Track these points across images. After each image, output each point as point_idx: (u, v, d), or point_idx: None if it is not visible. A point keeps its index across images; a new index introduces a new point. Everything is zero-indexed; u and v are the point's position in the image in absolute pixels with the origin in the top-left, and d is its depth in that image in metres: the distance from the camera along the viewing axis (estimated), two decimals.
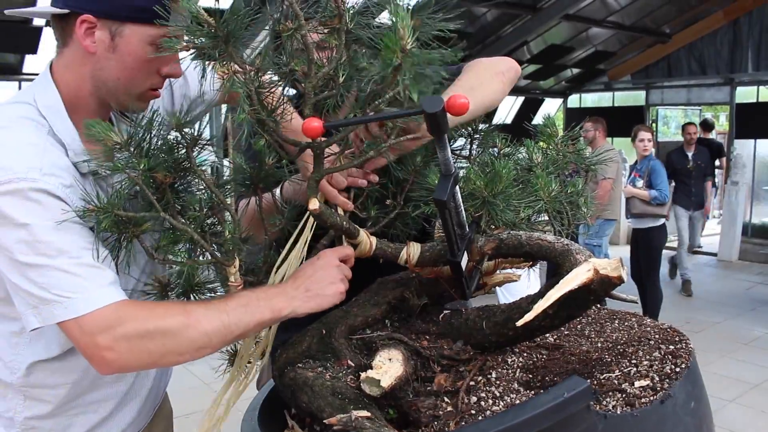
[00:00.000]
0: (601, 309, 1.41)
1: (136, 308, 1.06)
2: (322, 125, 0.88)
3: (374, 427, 1.00)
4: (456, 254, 1.07)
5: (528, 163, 1.33)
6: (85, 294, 1.02)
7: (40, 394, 1.24)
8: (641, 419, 0.86)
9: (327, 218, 1.05)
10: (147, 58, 1.12)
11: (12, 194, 1.01)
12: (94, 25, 1.10)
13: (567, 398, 0.77)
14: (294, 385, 1.15)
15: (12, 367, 1.22)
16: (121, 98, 1.16)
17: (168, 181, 1.02)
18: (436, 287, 1.30)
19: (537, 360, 1.20)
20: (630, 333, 1.23)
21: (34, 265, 1.02)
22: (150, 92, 1.18)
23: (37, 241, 1.01)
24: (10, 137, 1.08)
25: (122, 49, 1.11)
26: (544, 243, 1.05)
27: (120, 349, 1.02)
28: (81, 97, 1.16)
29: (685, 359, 1.03)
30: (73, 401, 1.26)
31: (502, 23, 8.30)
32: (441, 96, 0.82)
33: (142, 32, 1.10)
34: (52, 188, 1.03)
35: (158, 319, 1.05)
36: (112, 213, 0.95)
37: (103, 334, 1.02)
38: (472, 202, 1.11)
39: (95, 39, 1.11)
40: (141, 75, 1.14)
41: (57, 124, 1.13)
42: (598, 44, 9.46)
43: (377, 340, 1.23)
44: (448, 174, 0.92)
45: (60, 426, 1.28)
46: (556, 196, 1.25)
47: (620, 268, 0.93)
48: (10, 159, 1.04)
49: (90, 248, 1.04)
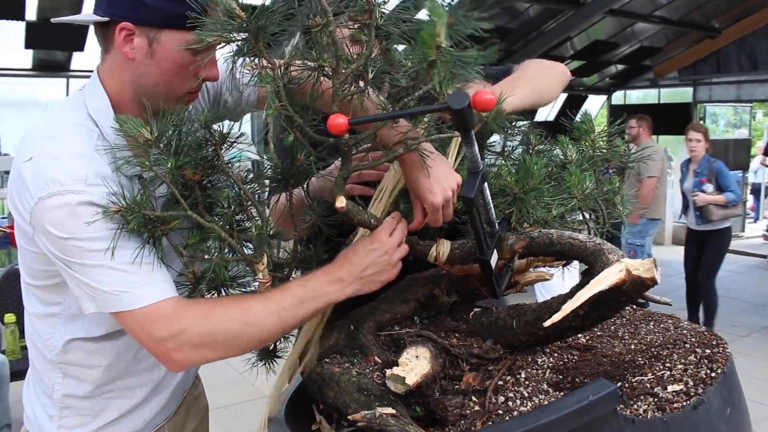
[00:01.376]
0: (637, 310, 1.38)
1: (194, 311, 1.09)
2: (347, 122, 0.87)
3: (399, 424, 1.00)
4: (485, 252, 1.06)
5: (562, 159, 1.30)
6: (139, 289, 1.06)
7: (77, 373, 1.28)
8: (671, 425, 0.83)
9: (354, 216, 1.05)
10: (184, 63, 1.13)
11: (58, 208, 1.05)
12: (132, 32, 1.12)
13: (592, 401, 0.75)
14: (321, 380, 1.16)
15: (50, 345, 1.27)
16: (160, 101, 1.17)
17: (197, 179, 1.03)
18: (466, 285, 1.28)
19: (568, 361, 1.18)
20: (665, 335, 1.20)
21: (87, 265, 1.06)
22: (188, 95, 1.20)
23: (88, 249, 1.05)
24: (58, 148, 1.11)
25: (160, 55, 1.13)
26: (576, 242, 1.02)
27: (186, 353, 1.08)
28: (123, 102, 1.19)
29: (721, 364, 0.99)
30: (108, 384, 1.29)
31: (545, 18, 8.16)
32: (467, 92, 0.80)
33: (178, 38, 1.11)
34: (97, 198, 1.06)
35: (219, 322, 1.09)
36: (140, 213, 0.96)
37: (171, 341, 1.07)
38: (502, 199, 1.09)
39: (134, 46, 1.13)
40: (179, 79, 1.16)
41: (107, 128, 1.15)
42: (644, 40, 9.22)
43: (405, 337, 1.23)
44: (476, 171, 0.91)
45: (95, 408, 1.31)
46: (590, 194, 1.22)
47: (653, 269, 0.90)
48: (57, 171, 1.06)
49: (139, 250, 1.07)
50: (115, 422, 1.33)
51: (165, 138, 0.98)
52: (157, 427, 1.41)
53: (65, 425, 1.31)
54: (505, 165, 1.09)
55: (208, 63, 1.15)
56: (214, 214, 1.08)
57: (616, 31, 8.80)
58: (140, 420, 1.37)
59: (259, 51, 0.92)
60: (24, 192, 1.08)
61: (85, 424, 1.31)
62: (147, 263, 1.07)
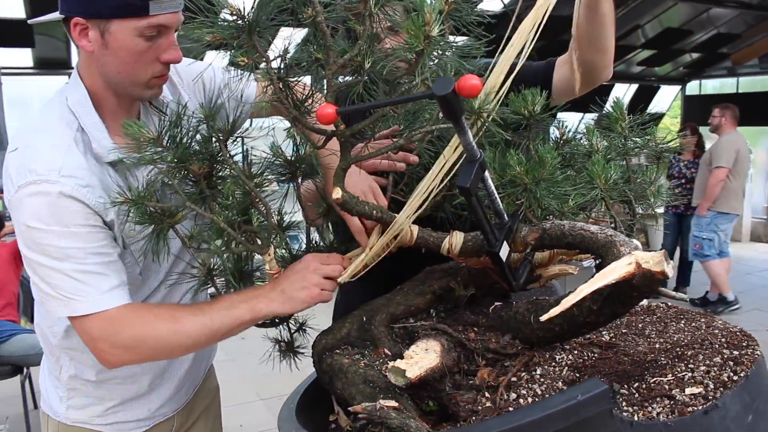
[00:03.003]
0: (671, 308, 1.30)
1: (129, 315, 1.17)
2: (335, 111, 0.86)
3: (400, 417, 0.98)
4: (493, 244, 1.02)
5: (587, 148, 1.25)
6: (85, 298, 1.14)
7: (81, 358, 1.34)
8: (676, 429, 0.78)
9: (353, 207, 1.03)
10: (140, 49, 1.16)
11: (33, 196, 1.12)
12: (85, 26, 1.16)
13: (581, 401, 0.71)
14: (331, 371, 1.15)
15: (53, 331, 1.35)
16: (129, 89, 1.22)
17: (203, 172, 1.04)
18: (485, 278, 1.25)
19: (587, 359, 1.13)
20: (694, 335, 1.13)
21: (43, 265, 1.14)
22: (155, 80, 1.22)
23: (48, 244, 1.12)
24: (39, 140, 1.18)
25: (114, 45, 1.16)
26: (587, 233, 0.97)
27: (116, 353, 1.17)
28: (100, 92, 1.23)
29: (746, 367, 0.92)
30: (111, 371, 1.34)
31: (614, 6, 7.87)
32: (451, 77, 0.77)
33: (127, 26, 1.14)
34: (68, 189, 1.11)
35: (148, 328, 1.17)
36: (143, 205, 0.98)
37: (102, 341, 1.16)
38: (511, 189, 1.05)
39: (90, 39, 1.17)
40: (140, 65, 1.18)
41: (84, 118, 1.21)
42: (721, 26, 8.74)
43: (420, 329, 1.20)
44: (472, 160, 0.88)
45: (99, 392, 1.38)
46: (615, 185, 1.16)
47: (663, 263, 0.84)
48: (35, 161, 1.13)
49: (96, 252, 1.14)
50: (120, 407, 1.39)
51: (165, 136, 1.00)
52: (165, 417, 1.46)
53: (73, 405, 1.38)
54: (515, 154, 1.05)
55: (167, 46, 1.18)
56: (221, 206, 1.09)
57: (690, 17, 8.38)
58: (145, 408, 1.42)
59: (253, 46, 0.92)
60: (8, 181, 1.15)
61: (91, 405, 1.38)
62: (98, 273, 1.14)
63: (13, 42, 5.78)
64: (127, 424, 1.43)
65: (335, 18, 0.97)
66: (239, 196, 1.08)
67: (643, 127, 1.33)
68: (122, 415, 1.41)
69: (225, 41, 0.96)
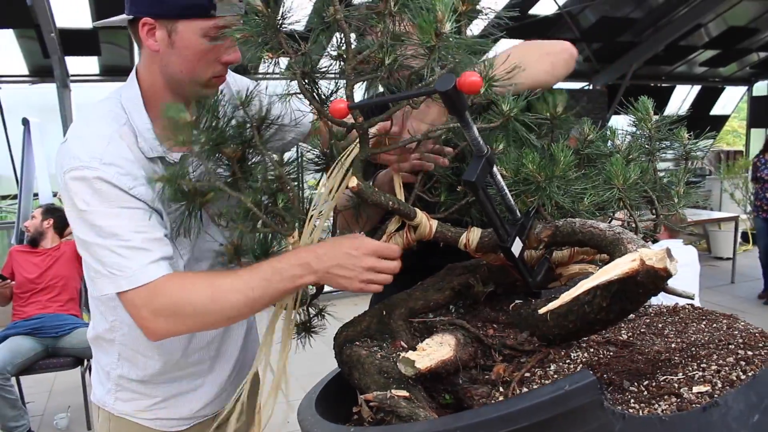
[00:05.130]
0: (696, 309, 1.29)
1: (168, 282, 1.19)
2: (346, 106, 0.90)
3: (409, 407, 1.01)
4: (504, 239, 1.04)
5: (609, 148, 1.25)
6: (128, 273, 1.18)
7: (131, 357, 1.42)
8: (670, 425, 0.78)
9: (368, 196, 1.06)
10: (204, 49, 1.23)
11: (77, 180, 1.19)
12: (153, 26, 1.24)
13: (568, 391, 0.72)
14: (350, 362, 1.19)
15: (114, 326, 1.41)
16: (188, 88, 1.29)
17: (237, 156, 1.10)
18: (505, 276, 1.26)
19: (602, 357, 1.13)
20: (713, 335, 1.11)
21: (91, 243, 1.20)
22: (214, 80, 1.30)
23: (93, 224, 1.19)
24: (86, 130, 1.27)
25: (179, 44, 1.23)
26: (596, 231, 0.98)
27: (158, 322, 1.18)
28: (157, 91, 1.31)
29: (755, 367, 0.91)
30: (159, 374, 1.43)
31: (674, 5, 7.65)
32: (453, 74, 0.80)
33: (193, 26, 1.21)
34: (108, 176, 1.19)
35: (186, 293, 1.18)
36: (176, 182, 1.04)
37: (144, 308, 1.18)
38: (525, 187, 1.07)
39: (156, 38, 1.24)
40: (201, 65, 1.26)
41: (133, 114, 1.29)
42: None
43: (438, 324, 1.23)
44: (480, 155, 0.90)
45: (144, 389, 1.46)
46: (634, 185, 1.16)
47: (666, 259, 0.85)
48: (80, 149, 1.21)
49: (140, 231, 1.19)
50: (163, 403, 1.47)
51: (203, 120, 1.06)
52: (206, 417, 1.53)
53: (121, 398, 1.46)
54: (530, 152, 1.07)
55: (228, 47, 1.24)
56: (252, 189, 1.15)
57: (756, 14, 8.07)
58: (187, 408, 1.49)
59: (277, 44, 0.97)
60: (58, 169, 1.23)
61: (137, 399, 1.45)
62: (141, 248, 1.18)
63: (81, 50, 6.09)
64: (170, 421, 1.50)
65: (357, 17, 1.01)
66: (271, 179, 1.13)
67: (670, 128, 1.32)
68: (166, 412, 1.49)
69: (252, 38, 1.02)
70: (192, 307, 1.17)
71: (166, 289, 1.18)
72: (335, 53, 1.00)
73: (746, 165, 8.80)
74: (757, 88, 10.25)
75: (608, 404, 0.76)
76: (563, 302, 0.86)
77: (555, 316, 1.15)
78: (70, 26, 5.70)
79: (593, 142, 1.32)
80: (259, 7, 0.98)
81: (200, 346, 1.48)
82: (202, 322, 1.21)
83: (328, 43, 1.02)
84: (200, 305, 1.17)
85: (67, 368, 3.99)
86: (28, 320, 3.95)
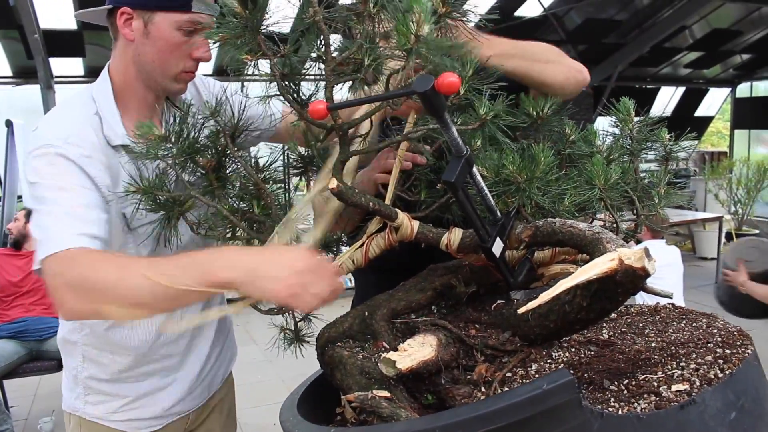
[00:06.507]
0: (676, 308, 1.30)
1: (84, 257, 1.11)
2: (326, 107, 0.90)
3: (390, 407, 1.01)
4: (485, 239, 1.05)
5: (589, 149, 1.26)
6: (50, 236, 1.14)
7: (97, 357, 1.41)
8: (648, 423, 0.79)
9: (348, 197, 1.06)
10: (177, 42, 1.27)
11: (38, 157, 1.22)
12: (131, 15, 1.27)
13: (546, 390, 0.72)
14: (332, 363, 1.19)
15: (75, 327, 1.43)
16: (159, 79, 1.32)
17: (211, 165, 1.10)
18: (487, 276, 1.27)
19: (583, 356, 1.14)
20: (693, 334, 1.12)
21: (36, 212, 1.21)
22: (183, 74, 1.33)
23: (40, 196, 1.19)
24: (55, 117, 1.31)
25: (154, 35, 1.27)
26: (576, 230, 0.99)
27: (66, 294, 1.08)
28: (128, 81, 1.34)
29: (733, 365, 0.92)
30: (127, 371, 1.42)
31: (658, 7, 7.72)
32: (431, 75, 0.80)
33: (170, 18, 1.25)
34: (69, 154, 1.21)
35: (96, 270, 1.07)
36: (153, 194, 1.04)
37: (56, 277, 1.10)
38: (505, 188, 1.07)
39: (132, 28, 1.28)
40: (173, 57, 1.29)
41: (102, 104, 1.32)
42: None
43: (420, 325, 1.23)
44: (459, 155, 0.90)
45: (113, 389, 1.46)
46: (615, 185, 1.16)
47: (644, 259, 0.85)
48: (48, 132, 1.25)
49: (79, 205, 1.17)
50: (134, 403, 1.46)
51: (172, 133, 1.06)
52: (179, 415, 1.52)
53: (91, 401, 1.46)
54: (510, 153, 1.07)
55: (200, 45, 1.28)
56: (230, 197, 1.15)
57: (739, 17, 8.16)
58: (158, 406, 1.48)
59: (256, 46, 0.97)
60: (26, 155, 1.26)
61: (107, 401, 1.45)
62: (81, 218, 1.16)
63: (65, 52, 6.05)
64: (142, 422, 1.50)
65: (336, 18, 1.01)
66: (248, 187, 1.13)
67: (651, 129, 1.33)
68: (138, 412, 1.48)
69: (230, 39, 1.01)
70: (96, 284, 1.06)
71: (79, 261, 1.10)
72: (315, 55, 1.00)
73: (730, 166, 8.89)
74: (741, 90, 10.36)
75: (586, 403, 0.76)
76: (542, 302, 0.86)
77: (536, 316, 1.16)
78: (54, 27, 5.66)
79: (575, 143, 1.33)
80: (237, 9, 0.97)
81: (169, 340, 1.48)
82: (104, 302, 1.06)
83: (310, 45, 1.01)
84: (104, 282, 1.05)
85: (51, 372, 3.97)
86: (12, 323, 3.92)
